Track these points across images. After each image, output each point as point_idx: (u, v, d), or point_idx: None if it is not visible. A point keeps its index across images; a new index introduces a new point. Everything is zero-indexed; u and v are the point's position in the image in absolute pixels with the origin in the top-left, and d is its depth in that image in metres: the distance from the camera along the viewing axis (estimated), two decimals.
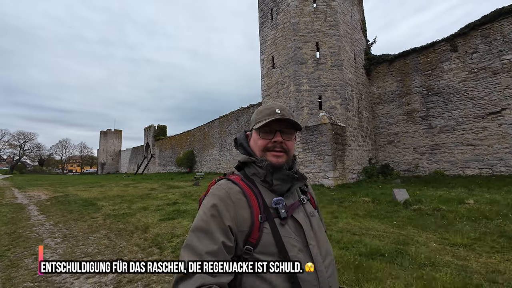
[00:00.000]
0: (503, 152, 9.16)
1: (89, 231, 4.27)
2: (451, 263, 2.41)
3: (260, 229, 0.70)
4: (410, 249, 2.73)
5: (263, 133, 0.81)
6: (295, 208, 0.78)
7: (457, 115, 10.28)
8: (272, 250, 0.68)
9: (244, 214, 0.71)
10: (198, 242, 0.66)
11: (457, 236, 3.16)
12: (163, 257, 2.94)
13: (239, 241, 0.69)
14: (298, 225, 0.75)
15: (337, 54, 10.87)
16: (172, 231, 3.95)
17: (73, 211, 6.36)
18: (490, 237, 3.12)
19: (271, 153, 0.80)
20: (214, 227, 0.67)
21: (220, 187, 0.76)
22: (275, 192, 0.79)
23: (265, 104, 0.89)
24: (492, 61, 9.49)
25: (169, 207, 6.41)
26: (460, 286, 1.92)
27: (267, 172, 0.78)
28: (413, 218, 4.24)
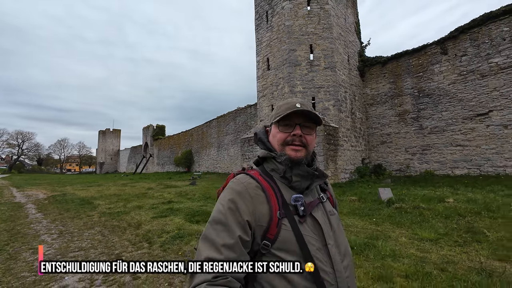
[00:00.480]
0: (490, 153, 9.41)
1: (84, 228, 4.48)
2: (413, 255, 2.64)
3: (279, 225, 0.69)
4: (379, 243, 2.95)
5: (283, 126, 0.80)
6: (314, 206, 0.77)
7: (447, 116, 10.53)
8: (291, 247, 0.68)
9: (262, 209, 0.70)
10: (215, 234, 0.66)
11: (427, 232, 3.39)
12: (151, 250, 3.16)
13: (256, 236, 0.69)
14: (317, 223, 0.74)
15: (330, 56, 11.10)
16: (163, 228, 4.17)
17: (69, 210, 6.56)
18: (457, 232, 3.35)
19: (289, 147, 0.79)
20: (231, 221, 0.67)
21: (238, 181, 0.75)
22: (294, 189, 0.78)
23: (286, 99, 0.89)
24: (480, 64, 9.74)
25: (163, 206, 6.62)
26: (412, 272, 2.15)
27: (286, 167, 0.77)
28: (392, 215, 4.47)
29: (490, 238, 3.09)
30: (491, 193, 6.24)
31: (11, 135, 48.97)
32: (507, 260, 2.48)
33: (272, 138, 0.83)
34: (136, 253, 3.11)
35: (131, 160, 48.43)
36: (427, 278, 2.07)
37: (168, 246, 3.24)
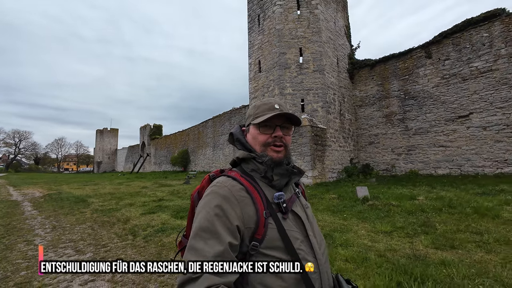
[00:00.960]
0: (470, 153, 9.82)
1: (76, 223, 4.81)
2: (363, 244, 2.99)
3: (266, 225, 0.71)
4: (336, 234, 3.31)
5: (263, 128, 0.81)
6: (293, 201, 0.80)
7: (431, 118, 10.93)
8: (278, 244, 0.70)
9: (249, 212, 0.71)
10: (203, 243, 0.65)
11: (385, 225, 3.75)
12: (134, 242, 3.50)
13: (245, 238, 0.69)
14: (298, 217, 0.77)
15: (319, 60, 11.45)
16: (149, 223, 4.51)
17: (64, 207, 6.88)
18: (412, 226, 3.72)
19: (271, 147, 0.80)
20: (220, 228, 0.66)
21: (222, 185, 0.74)
22: (274, 187, 0.79)
23: (262, 99, 0.89)
24: (462, 68, 10.14)
25: (153, 203, 6.95)
26: (352, 257, 2.50)
27: (268, 167, 0.78)
28: (362, 211, 4.84)
29: (438, 230, 3.46)
30: (463, 191, 6.63)
31: (8, 134, 49.01)
32: (441, 248, 2.84)
33: (253, 140, 0.83)
34: (120, 244, 3.45)
35: (128, 159, 48.61)
36: (364, 261, 2.43)
37: (150, 238, 3.58)
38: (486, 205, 4.56)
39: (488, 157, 9.40)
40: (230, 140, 0.91)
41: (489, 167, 9.36)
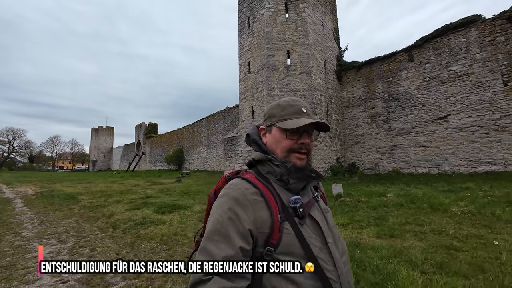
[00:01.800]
0: (447, 153, 10.29)
1: (63, 218, 5.12)
2: None
3: (281, 230, 0.68)
4: None
5: (290, 134, 0.78)
6: (311, 206, 0.77)
7: (412, 119, 11.38)
8: (295, 250, 0.67)
9: (263, 215, 0.69)
10: (215, 246, 0.64)
11: (345, 219, 4.13)
12: (113, 234, 3.84)
13: (259, 243, 0.68)
14: (316, 223, 0.74)
15: (306, 62, 11.81)
16: (131, 217, 4.84)
17: (54, 204, 7.17)
18: (368, 219, 4.10)
19: (295, 154, 0.77)
20: (232, 231, 0.65)
21: (235, 187, 0.73)
22: (290, 190, 0.77)
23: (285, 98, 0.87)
24: (441, 71, 10.58)
25: (140, 200, 7.27)
26: None
27: (285, 172, 0.76)
28: (332, 207, 5.22)
29: (388, 223, 3.85)
30: (433, 189, 7.06)
31: (1, 132, 48.70)
32: (382, 237, 3.23)
33: (275, 142, 0.80)
34: (100, 235, 3.79)
35: (124, 158, 48.64)
36: None
37: (129, 230, 3.92)
38: (442, 201, 4.98)
39: (464, 156, 9.87)
40: (247, 141, 0.89)
41: (465, 166, 9.83)
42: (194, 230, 3.83)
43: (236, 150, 13.35)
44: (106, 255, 2.90)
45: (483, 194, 5.67)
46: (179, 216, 4.84)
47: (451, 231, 3.32)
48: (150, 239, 3.46)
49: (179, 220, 4.47)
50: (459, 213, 4.22)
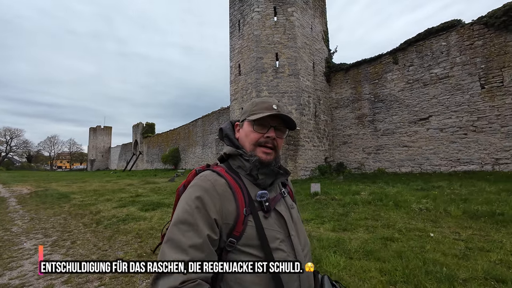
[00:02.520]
0: (429, 153, 10.66)
1: (53, 215, 5.45)
2: None
3: (245, 223, 0.70)
4: None
5: (257, 126, 0.80)
6: (277, 201, 0.80)
7: (396, 120, 11.74)
8: (254, 242, 0.70)
9: (229, 207, 0.71)
10: (182, 235, 0.64)
11: (310, 215, 4.48)
12: (95, 228, 4.18)
13: (223, 234, 0.69)
14: (281, 217, 0.77)
15: (294, 64, 12.14)
16: (115, 214, 5.18)
17: (46, 202, 7.49)
18: (333, 215, 4.45)
19: (261, 148, 0.80)
20: (199, 220, 0.66)
21: (205, 178, 0.74)
22: (259, 185, 0.79)
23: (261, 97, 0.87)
24: (423, 74, 10.94)
25: (130, 199, 7.60)
26: None
27: (254, 167, 0.78)
28: (305, 204, 5.57)
29: (348, 218, 4.20)
30: (408, 187, 7.43)
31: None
32: (336, 231, 3.58)
33: (243, 136, 0.83)
34: (83, 230, 4.13)
35: (122, 157, 48.89)
36: None
37: (110, 226, 4.26)
38: (407, 199, 5.34)
39: (444, 156, 10.24)
40: (219, 135, 0.90)
41: (445, 166, 10.21)
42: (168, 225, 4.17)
43: None
44: (84, 247, 3.24)
45: (449, 192, 6.04)
46: (161, 213, 5.19)
47: (400, 225, 3.68)
48: (127, 233, 3.81)
49: (159, 217, 4.82)
50: (417, 209, 4.58)
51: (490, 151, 9.17)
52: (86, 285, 2.24)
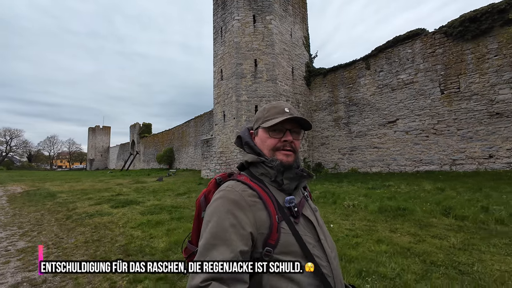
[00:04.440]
0: (396, 154, 11.31)
1: (33, 212, 6.17)
2: None
3: (279, 230, 0.70)
4: None
5: (273, 132, 0.81)
6: (303, 205, 0.81)
7: (368, 122, 12.38)
8: (293, 249, 0.69)
9: (262, 217, 0.70)
10: (214, 250, 0.64)
11: None
12: (64, 222, 4.89)
13: (258, 244, 0.69)
14: (309, 221, 0.78)
15: (272, 70, 12.80)
16: (87, 211, 5.88)
17: (32, 200, 8.22)
18: None
19: (280, 152, 0.80)
20: (233, 235, 0.65)
21: (232, 189, 0.74)
22: (283, 191, 0.79)
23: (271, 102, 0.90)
24: (392, 79, 11.57)
25: (109, 197, 8.28)
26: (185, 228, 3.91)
27: (277, 172, 0.78)
28: None
29: None
30: (363, 185, 8.08)
31: None
32: None
33: (261, 143, 0.84)
34: (53, 223, 4.83)
35: (120, 157, 49.76)
36: None
37: (78, 220, 4.96)
38: (346, 196, 6.01)
39: (409, 157, 10.89)
40: (237, 143, 0.90)
41: (409, 166, 10.86)
42: (128, 219, 4.87)
43: (211, 151, 14.39)
44: (46, 236, 3.94)
45: (392, 191, 6.69)
46: (127, 210, 5.88)
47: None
48: (88, 225, 4.50)
49: (123, 213, 5.52)
50: (346, 206, 5.25)
51: (448, 153, 9.81)
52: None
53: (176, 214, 5.02)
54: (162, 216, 4.84)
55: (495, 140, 8.78)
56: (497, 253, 2.62)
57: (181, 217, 4.70)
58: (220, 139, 13.71)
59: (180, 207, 5.91)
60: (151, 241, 3.37)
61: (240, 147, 0.89)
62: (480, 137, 9.09)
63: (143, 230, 3.94)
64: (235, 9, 13.11)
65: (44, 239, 3.77)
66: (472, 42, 9.36)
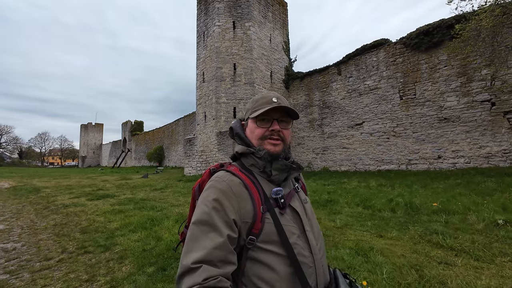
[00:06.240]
0: (362, 154, 12.25)
1: (16, 204, 6.85)
2: (178, 212, 5.19)
3: (262, 220, 0.73)
4: (163, 204, 5.51)
5: (260, 122, 0.82)
6: (292, 196, 0.83)
7: (338, 124, 13.29)
8: (274, 238, 0.73)
9: (246, 206, 0.74)
10: (203, 235, 0.68)
11: None
12: (41, 211, 5.61)
13: (242, 232, 0.73)
14: (295, 212, 0.80)
15: (250, 74, 13.57)
16: (65, 203, 6.59)
17: (17, 195, 8.87)
18: None
19: (268, 141, 0.82)
20: (218, 220, 0.69)
21: (220, 179, 0.77)
22: (273, 182, 0.81)
23: (261, 93, 0.90)
24: (359, 84, 12.47)
25: (88, 192, 8.98)
26: (144, 219, 4.69)
27: (265, 162, 0.80)
28: None
29: None
30: (323, 182, 8.96)
31: None
32: None
33: (250, 133, 0.85)
34: (31, 212, 5.54)
35: (112, 154, 50.00)
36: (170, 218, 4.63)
37: (53, 209, 5.69)
38: None
39: (373, 157, 11.84)
40: (230, 134, 0.93)
41: (373, 165, 11.81)
42: (97, 209, 5.62)
43: (193, 150, 15.15)
44: (22, 221, 4.67)
45: (341, 186, 7.58)
46: (101, 202, 6.62)
47: None
48: (60, 214, 5.24)
49: (95, 204, 6.26)
50: None
51: (405, 153, 10.78)
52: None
53: (141, 205, 5.80)
54: (127, 207, 5.61)
55: (443, 143, 9.76)
56: (360, 230, 3.47)
57: (142, 207, 5.48)
58: (201, 139, 14.46)
59: (149, 200, 6.68)
60: (107, 224, 4.14)
61: (232, 138, 0.93)
62: (431, 140, 10.07)
63: (106, 217, 4.70)
64: (216, 15, 13.82)
65: (20, 224, 4.51)
66: (426, 53, 10.30)
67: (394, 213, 4.26)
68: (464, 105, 9.28)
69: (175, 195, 7.54)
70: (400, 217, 4.01)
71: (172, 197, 7.18)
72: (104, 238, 3.39)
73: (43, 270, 2.46)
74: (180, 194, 7.61)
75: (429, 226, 3.32)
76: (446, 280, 1.91)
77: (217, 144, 13.00)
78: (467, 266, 2.18)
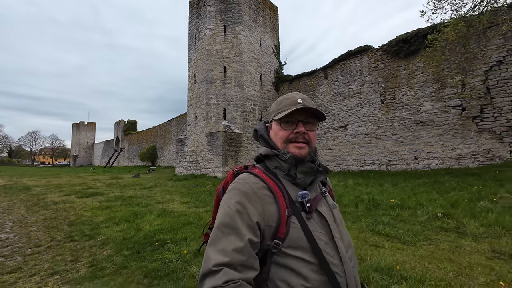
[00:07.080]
0: (346, 155, 12.80)
1: (7, 201, 7.09)
2: (161, 209, 5.56)
3: (288, 224, 0.71)
4: (150, 200, 5.87)
5: (285, 124, 0.80)
6: (319, 201, 0.79)
7: (324, 126, 13.82)
8: (301, 244, 0.70)
9: (271, 209, 0.72)
10: (224, 238, 0.67)
11: (191, 199, 6.34)
12: (31, 207, 5.89)
13: (266, 236, 0.70)
14: (323, 218, 0.76)
15: (240, 76, 13.98)
16: (55, 200, 6.87)
17: (8, 193, 9.05)
18: (207, 200, 6.33)
19: (293, 144, 0.79)
20: (240, 224, 0.68)
21: (243, 182, 0.76)
22: (298, 185, 0.79)
23: (285, 94, 0.88)
24: (344, 88, 13.03)
25: (78, 190, 9.23)
26: (129, 214, 5.05)
27: (290, 165, 0.78)
28: (204, 192, 7.43)
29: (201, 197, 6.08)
30: None
31: None
32: (198, 206, 5.46)
33: (274, 135, 0.84)
34: (22, 208, 5.82)
35: (105, 153, 49.58)
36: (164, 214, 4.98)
37: (43, 206, 5.97)
38: None
39: (356, 158, 12.39)
40: (254, 136, 0.91)
41: (356, 166, 12.36)
42: (86, 205, 5.93)
43: (184, 150, 15.47)
44: (13, 216, 4.96)
45: None
46: (90, 199, 6.92)
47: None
48: (50, 209, 5.54)
49: (84, 201, 6.56)
50: None
51: (385, 154, 11.36)
52: None
53: (128, 202, 6.14)
54: (114, 203, 5.94)
55: (419, 145, 10.36)
56: None
57: (129, 203, 5.83)
58: (192, 139, 14.79)
59: (136, 197, 7.01)
60: (94, 218, 4.49)
61: (256, 140, 0.90)
62: (409, 142, 10.67)
63: (93, 212, 5.04)
64: (207, 18, 14.19)
65: (12, 218, 4.81)
66: (404, 60, 10.90)
67: (356, 208, 4.73)
68: (438, 110, 9.90)
69: (163, 193, 7.88)
70: (360, 211, 4.48)
71: (159, 195, 7.52)
72: (90, 229, 3.75)
73: (33, 254, 2.82)
74: (167, 192, 7.96)
75: (379, 218, 3.78)
76: (366, 257, 2.35)
77: (207, 145, 13.37)
78: (392, 248, 2.63)
